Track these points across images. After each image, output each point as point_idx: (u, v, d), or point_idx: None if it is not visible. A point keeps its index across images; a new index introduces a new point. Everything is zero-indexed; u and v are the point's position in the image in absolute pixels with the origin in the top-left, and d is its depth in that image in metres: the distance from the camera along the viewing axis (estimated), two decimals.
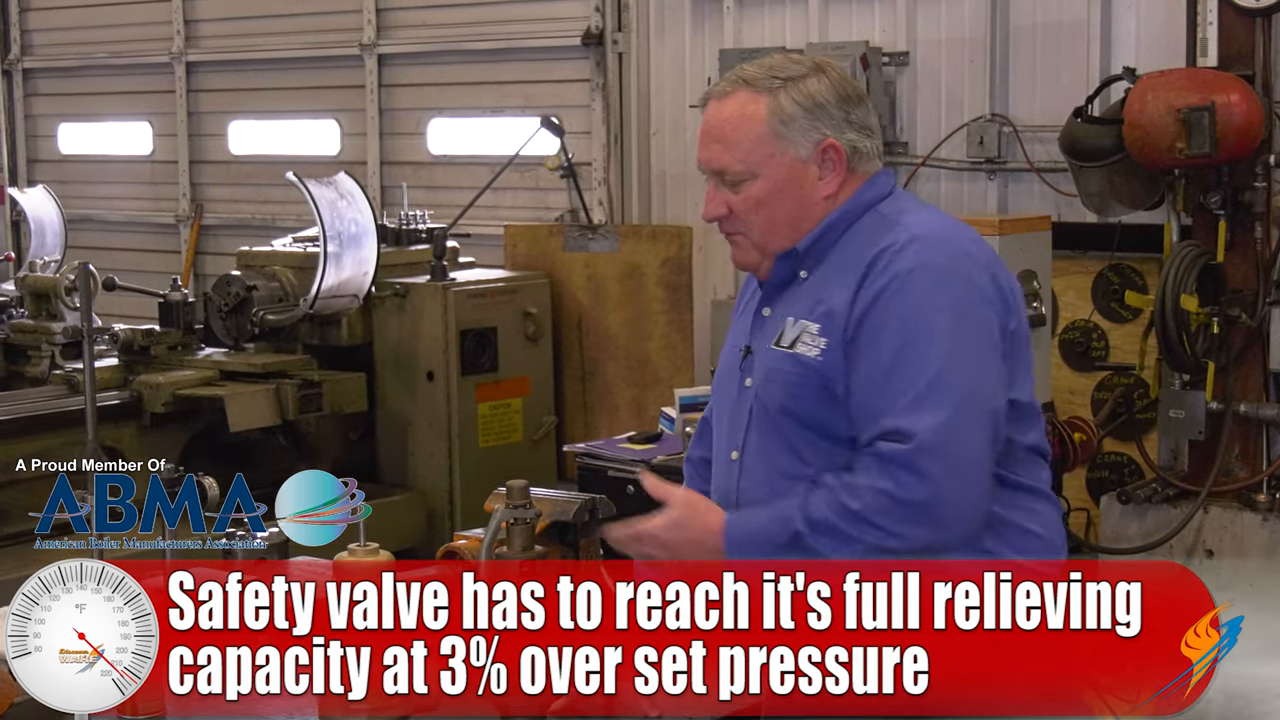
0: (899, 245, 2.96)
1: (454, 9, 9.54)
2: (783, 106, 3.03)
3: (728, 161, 3.07)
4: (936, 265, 2.95)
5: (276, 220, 10.10)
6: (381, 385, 7.96)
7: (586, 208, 8.80)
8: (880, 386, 2.91)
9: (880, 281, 2.94)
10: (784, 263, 3.09)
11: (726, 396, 3.18)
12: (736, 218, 3.09)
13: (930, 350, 2.90)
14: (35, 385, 7.87)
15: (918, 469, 2.85)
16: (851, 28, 7.90)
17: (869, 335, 2.93)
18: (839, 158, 3.05)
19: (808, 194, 3.06)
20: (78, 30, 11.58)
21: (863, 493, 2.87)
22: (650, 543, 3.03)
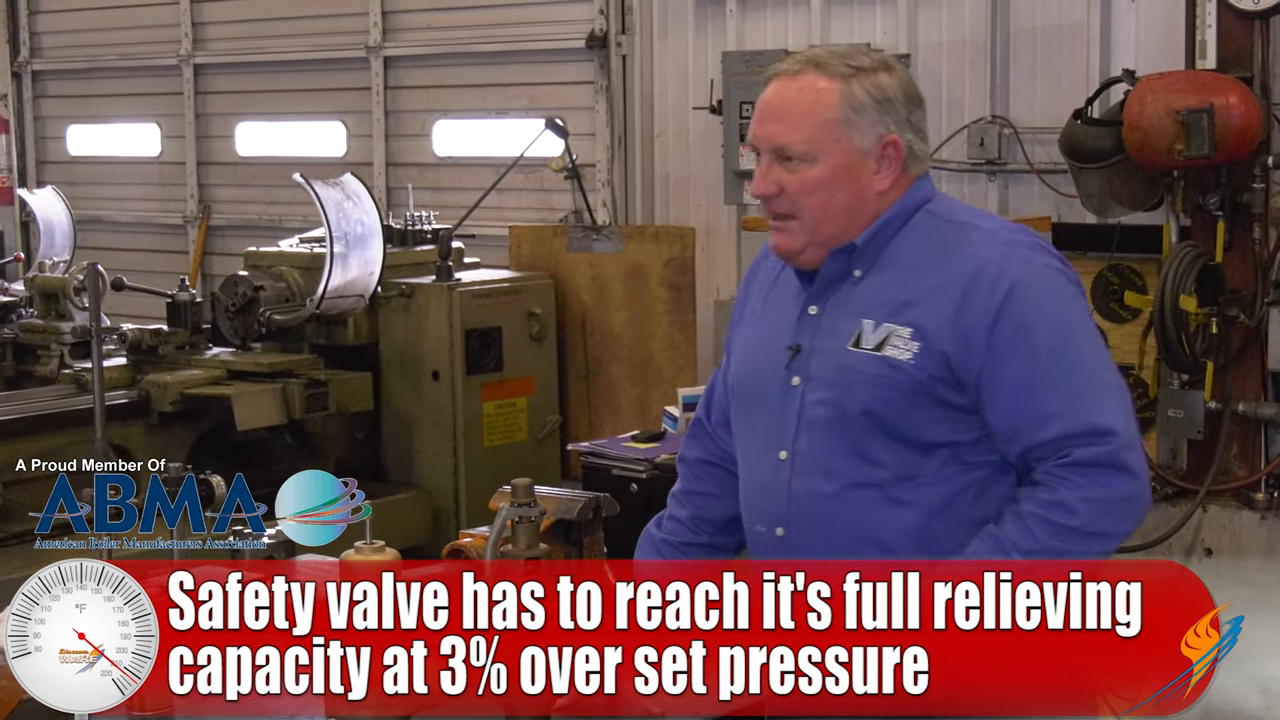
0: (998, 253, 2.93)
1: (459, 12, 9.54)
2: (855, 94, 2.98)
3: (790, 140, 2.99)
4: (1043, 267, 2.95)
5: (283, 221, 10.11)
6: (387, 385, 7.95)
7: (590, 209, 8.79)
8: (1044, 389, 2.88)
9: (1000, 291, 2.89)
10: (838, 258, 3.02)
11: (764, 395, 3.08)
12: (788, 198, 3.01)
13: (1078, 349, 2.91)
14: (44, 384, 7.87)
15: (1125, 465, 2.85)
16: (853, 30, 7.89)
17: (1009, 343, 2.89)
18: (898, 155, 3.01)
19: (864, 186, 3.00)
20: (87, 33, 11.59)
21: (1075, 506, 2.85)
22: None
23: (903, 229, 3.02)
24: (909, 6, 7.75)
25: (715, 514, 3.29)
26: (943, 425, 2.93)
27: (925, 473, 2.94)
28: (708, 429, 3.33)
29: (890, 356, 2.93)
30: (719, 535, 3.29)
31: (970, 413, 2.94)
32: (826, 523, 2.98)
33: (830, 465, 2.97)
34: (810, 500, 2.99)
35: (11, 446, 6.93)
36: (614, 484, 6.17)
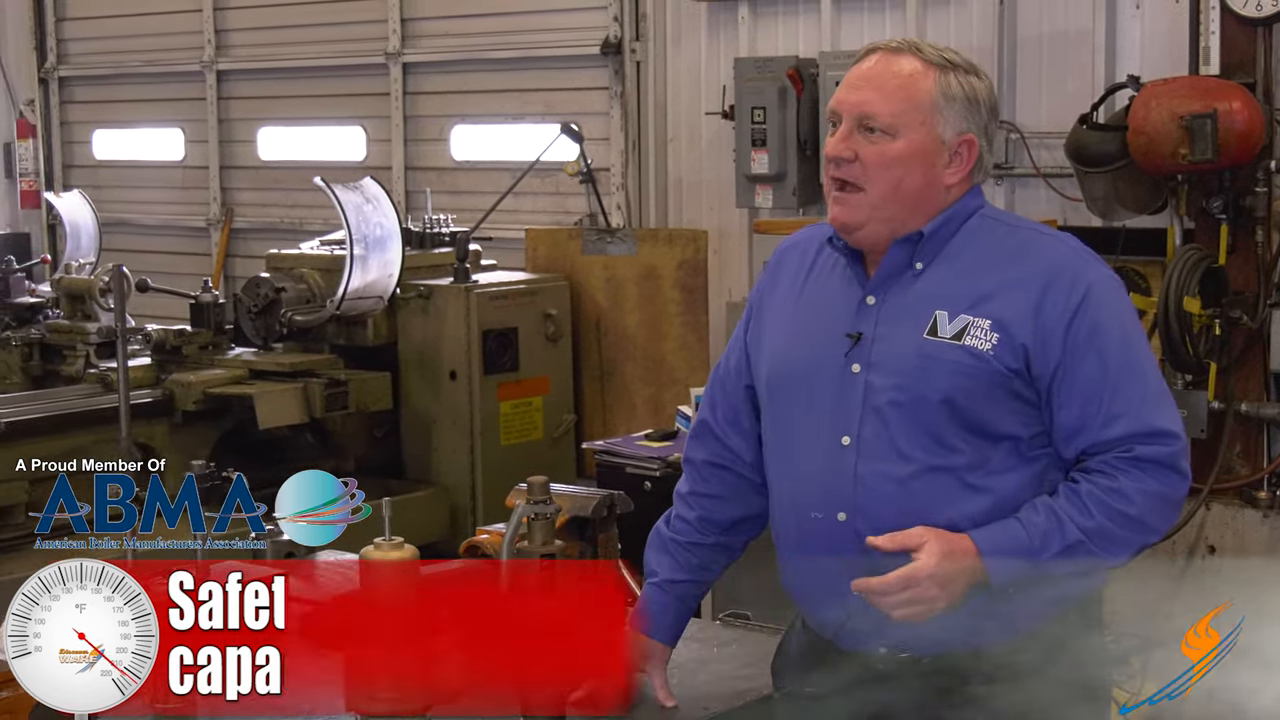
0: (1070, 259, 3.01)
1: (477, 19, 9.54)
2: (950, 84, 3.00)
3: (879, 110, 2.99)
4: (1111, 276, 3.06)
5: (304, 224, 10.12)
6: (406, 384, 7.96)
7: (605, 212, 8.80)
8: (1114, 390, 2.95)
9: (1076, 294, 2.95)
10: (901, 249, 3.02)
11: (812, 384, 3.07)
12: (861, 166, 2.99)
13: (1142, 354, 3.02)
14: (70, 384, 7.89)
15: (1182, 469, 2.96)
16: (863, 37, 7.88)
17: (1083, 343, 2.95)
18: (971, 154, 3.03)
19: (935, 175, 3.01)
20: (112, 40, 11.60)
21: (1134, 497, 2.92)
22: (929, 583, 2.87)
23: (962, 228, 3.04)
24: (918, 13, 7.74)
25: (722, 515, 3.29)
26: (1011, 417, 2.97)
27: (993, 461, 2.97)
28: (714, 429, 3.31)
29: (972, 346, 2.95)
30: (726, 535, 3.30)
31: (1035, 408, 2.98)
32: (898, 506, 2.98)
33: (903, 450, 2.98)
34: (880, 484, 2.99)
35: (39, 444, 6.94)
36: (628, 482, 6.18)
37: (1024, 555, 2.90)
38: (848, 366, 3.03)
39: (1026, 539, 2.90)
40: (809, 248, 3.19)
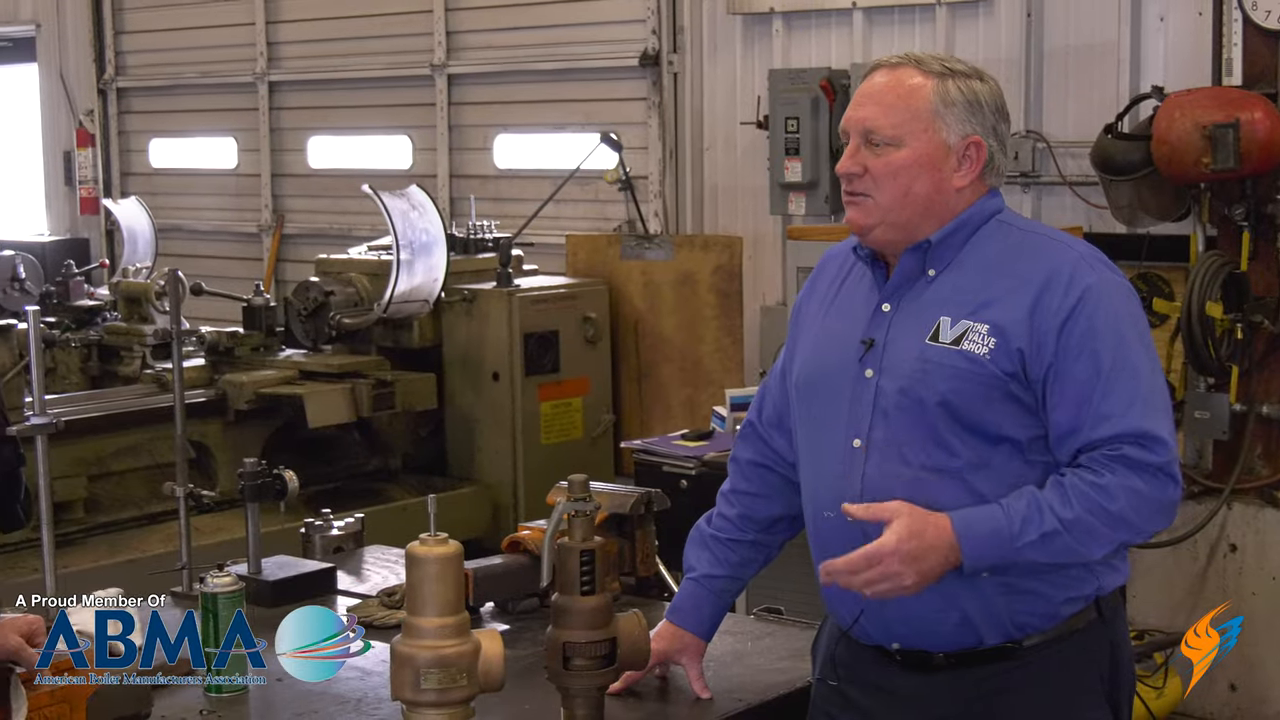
0: (1072, 262, 2.97)
1: (519, 32, 9.55)
2: (949, 91, 3.01)
3: (881, 123, 3.00)
4: (1113, 280, 3.00)
5: (352, 230, 10.14)
6: (450, 385, 7.98)
7: (643, 218, 8.80)
8: (1104, 392, 2.90)
9: (1072, 296, 2.92)
10: (913, 256, 3.03)
11: (835, 388, 3.08)
12: (871, 179, 3.01)
13: (1136, 358, 2.94)
14: (127, 384, 7.93)
15: (1171, 474, 2.89)
16: (894, 48, 7.86)
17: (1077, 345, 2.91)
18: (979, 157, 3.02)
19: (944, 179, 3.01)
20: (168, 52, 11.66)
21: (1117, 494, 2.86)
22: (891, 559, 2.85)
23: (975, 234, 3.03)
24: (947, 26, 7.72)
25: (762, 513, 3.30)
26: (1010, 420, 2.95)
27: (994, 463, 2.95)
28: (759, 430, 3.34)
29: (968, 350, 2.95)
30: (764, 534, 3.30)
31: (1032, 411, 2.95)
32: None
33: (907, 452, 2.98)
34: (885, 485, 2.98)
35: (97, 442, 6.98)
36: (665, 480, 6.18)
37: (1000, 539, 2.87)
38: (862, 371, 3.05)
39: (1005, 523, 2.87)
40: (846, 257, 3.21)
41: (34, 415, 4.02)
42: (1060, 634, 2.99)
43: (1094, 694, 3.02)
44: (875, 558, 2.86)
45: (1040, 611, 2.98)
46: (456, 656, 2.83)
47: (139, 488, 7.08)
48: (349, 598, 4.04)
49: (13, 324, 7.22)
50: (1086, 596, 3.00)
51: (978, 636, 2.99)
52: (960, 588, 2.94)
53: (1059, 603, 2.98)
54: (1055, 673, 2.99)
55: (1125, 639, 3.11)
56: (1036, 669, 2.98)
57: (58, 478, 5.84)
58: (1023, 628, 2.98)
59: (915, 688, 3.05)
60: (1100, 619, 3.03)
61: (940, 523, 2.88)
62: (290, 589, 4.01)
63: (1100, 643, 3.03)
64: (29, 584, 5.24)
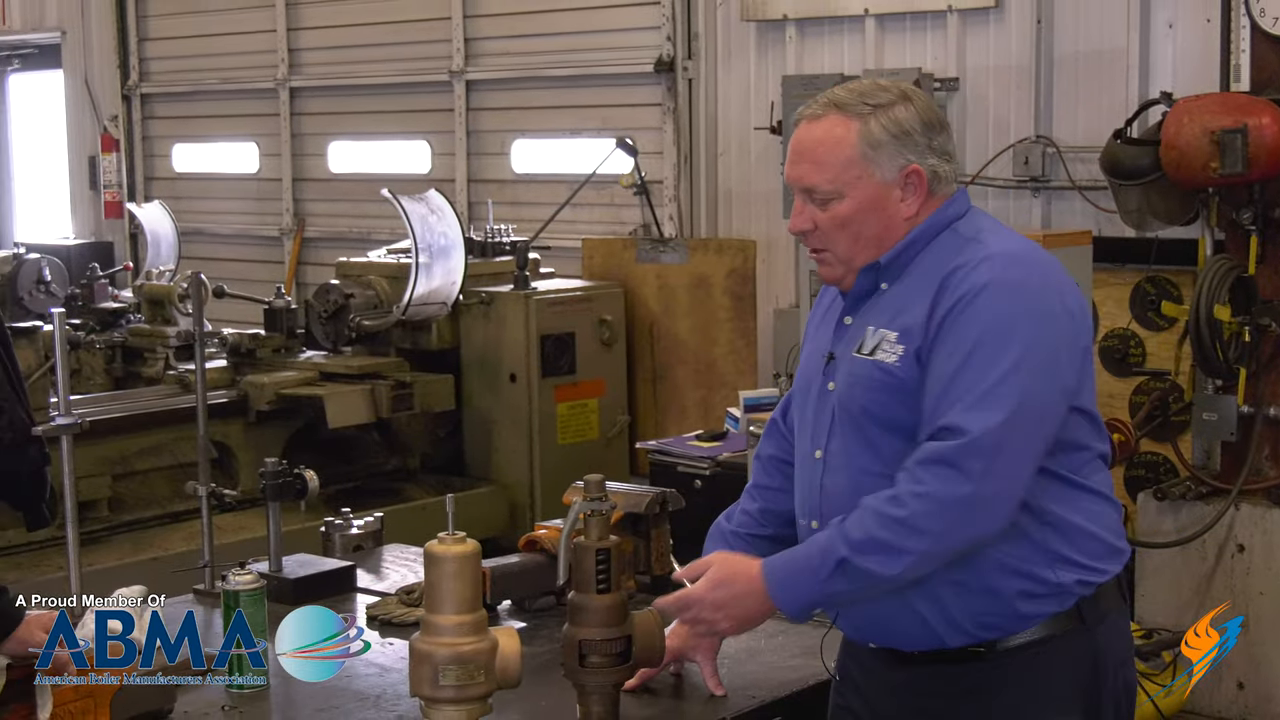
0: (975, 261, 2.92)
1: (536, 39, 9.56)
2: (872, 132, 2.97)
3: (817, 180, 3.00)
4: (1011, 280, 2.91)
5: (372, 233, 10.16)
6: (468, 386, 7.99)
7: (658, 222, 8.80)
8: (946, 388, 2.85)
9: (957, 294, 2.88)
10: (867, 275, 3.04)
11: (809, 399, 3.12)
12: (822, 233, 3.03)
13: (999, 356, 2.84)
14: (150, 385, 7.95)
15: (962, 465, 2.79)
16: (905, 55, 7.87)
17: (944, 343, 2.88)
18: (921, 182, 3.00)
19: (891, 214, 3.00)
20: (191, 59, 11.68)
21: (906, 500, 2.81)
22: (698, 606, 2.97)
23: (928, 246, 3.01)
24: (958, 33, 7.72)
25: (782, 507, 3.30)
26: None
27: None
28: (780, 427, 3.36)
29: (879, 360, 2.96)
30: (785, 528, 3.30)
31: None
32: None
33: (850, 462, 3.00)
34: (836, 495, 3.01)
35: (121, 442, 7.00)
36: (679, 480, 6.19)
37: (807, 578, 2.88)
38: (825, 384, 3.08)
39: (806, 560, 2.89)
40: None
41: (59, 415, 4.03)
42: (1035, 639, 2.94)
43: (1065, 702, 2.96)
44: (685, 604, 2.99)
45: (1000, 612, 2.93)
46: (474, 653, 2.84)
47: (162, 487, 7.10)
48: (368, 595, 4.04)
49: (38, 326, 7.24)
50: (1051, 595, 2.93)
51: (938, 638, 2.97)
52: (913, 590, 2.93)
53: (1013, 598, 2.92)
54: (1025, 677, 2.94)
55: (1115, 648, 3.02)
56: (1006, 672, 2.95)
57: (82, 477, 5.86)
58: (989, 629, 2.94)
59: (899, 679, 3.06)
60: (1083, 627, 2.96)
61: (750, 571, 2.94)
62: (311, 587, 4.01)
63: (1080, 650, 2.96)
64: (54, 581, 5.26)
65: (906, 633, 2.99)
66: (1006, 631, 2.94)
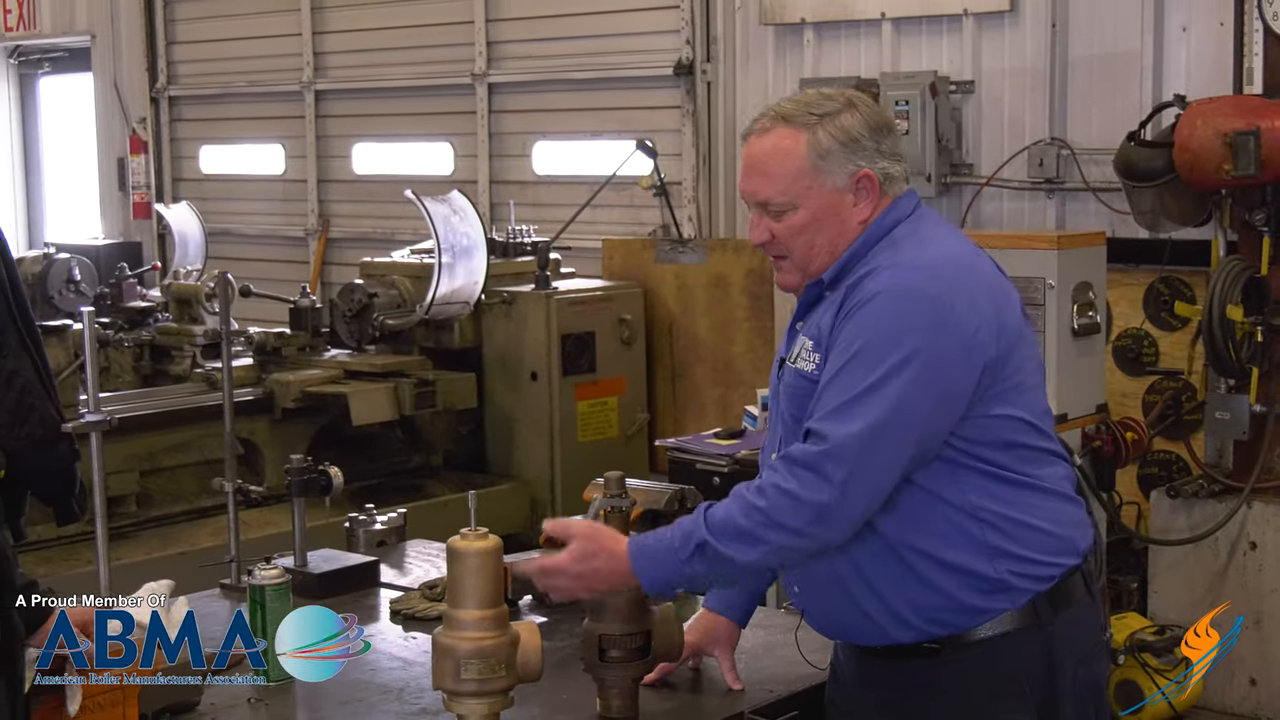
0: (878, 269, 2.93)
1: (557, 42, 9.56)
2: (820, 141, 2.98)
3: (770, 193, 3.01)
4: (904, 289, 2.87)
5: (395, 234, 10.16)
6: (490, 384, 7.99)
7: (677, 223, 8.79)
8: (821, 392, 2.87)
9: (853, 300, 2.90)
10: (813, 286, 3.06)
11: (772, 405, 3.16)
12: (779, 243, 3.04)
13: (873, 366, 2.82)
14: (178, 382, 7.97)
15: (822, 471, 2.79)
16: (921, 58, 7.85)
17: (833, 349, 2.90)
18: (872, 186, 3.00)
19: (845, 219, 3.01)
20: (218, 62, 11.71)
21: (768, 492, 2.82)
22: (558, 576, 2.97)
23: (871, 250, 3.00)
24: (973, 36, 7.70)
25: None
26: None
27: None
28: None
29: (799, 368, 2.99)
30: None
31: None
32: None
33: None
34: None
35: (148, 439, 7.02)
36: (698, 477, 6.18)
37: (667, 558, 2.88)
38: (778, 390, 3.10)
39: (668, 542, 2.89)
40: None
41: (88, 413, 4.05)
42: (987, 635, 2.93)
43: (1017, 700, 2.94)
44: (546, 571, 2.99)
45: (947, 607, 2.92)
46: (496, 648, 2.84)
47: (189, 483, 7.12)
48: (392, 590, 4.05)
49: (68, 324, 7.27)
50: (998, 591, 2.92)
51: (886, 633, 2.97)
52: (859, 590, 2.94)
53: (957, 591, 2.91)
54: (976, 674, 2.94)
55: (1075, 648, 2.99)
56: (956, 668, 2.94)
57: (111, 473, 5.87)
58: (940, 624, 2.94)
59: (865, 672, 3.08)
60: (1036, 624, 2.94)
61: (616, 549, 2.93)
62: (335, 581, 4.02)
63: (1033, 647, 2.94)
64: (84, 575, 5.29)
65: (857, 627, 3.00)
66: (959, 628, 2.94)
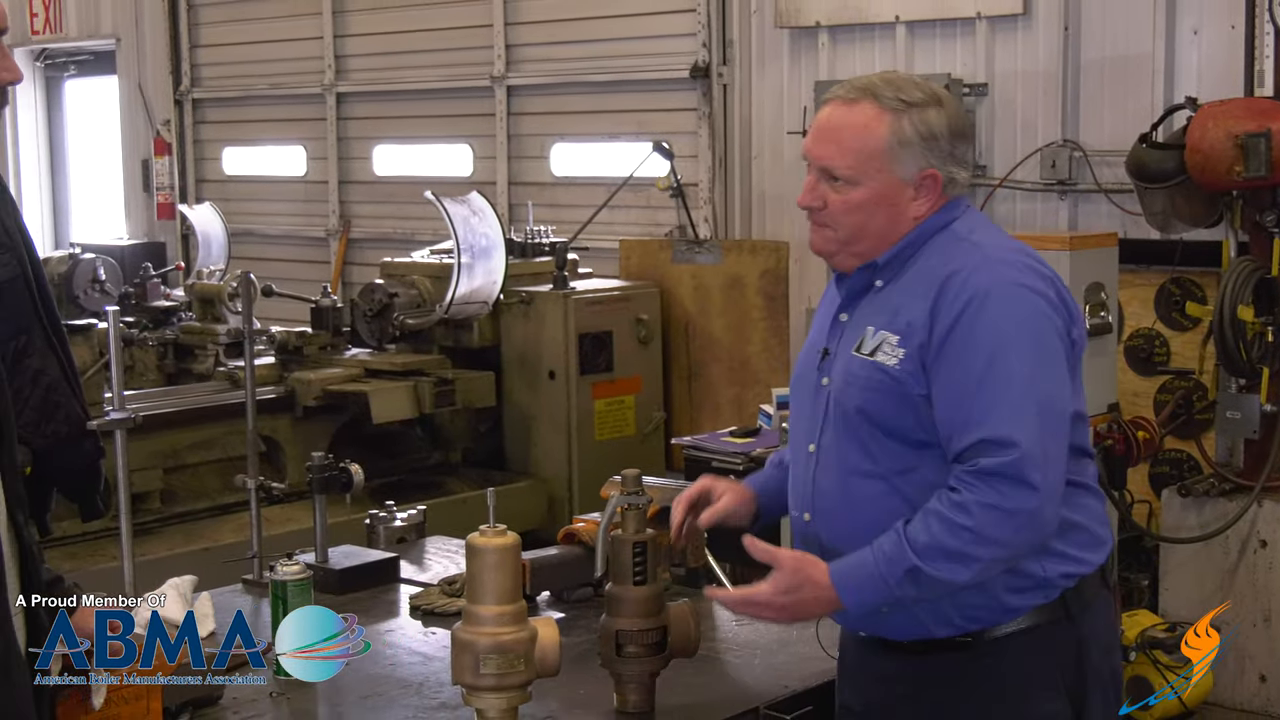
0: (973, 266, 2.90)
1: (575, 45, 9.56)
2: (903, 129, 2.95)
3: (838, 163, 2.98)
4: (1011, 283, 2.88)
5: (415, 234, 10.17)
6: (508, 383, 7.99)
7: (693, 224, 8.79)
8: (973, 397, 2.82)
9: (961, 300, 2.86)
10: (863, 273, 3.03)
11: (805, 393, 3.11)
12: (830, 214, 3.01)
13: (1016, 364, 2.82)
14: (201, 381, 7.98)
15: (1025, 480, 2.77)
16: (935, 61, 7.84)
17: (956, 349, 2.85)
18: (935, 186, 2.98)
19: (900, 211, 2.99)
20: (241, 65, 11.73)
21: (972, 509, 2.78)
22: (765, 609, 2.93)
23: (924, 247, 2.99)
24: (987, 39, 7.69)
25: None
26: (930, 426, 2.90)
27: (920, 468, 2.91)
28: None
29: (879, 362, 2.94)
30: None
31: None
32: (840, 511, 2.99)
33: (842, 459, 2.98)
34: (828, 489, 3.01)
35: (172, 436, 7.03)
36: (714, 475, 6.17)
37: (875, 583, 2.84)
38: (820, 380, 3.06)
39: (873, 567, 2.84)
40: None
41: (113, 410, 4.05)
42: (1017, 629, 2.94)
43: (1050, 688, 2.95)
44: (747, 603, 2.95)
45: (986, 605, 2.92)
46: (514, 643, 2.85)
47: (212, 480, 7.13)
48: (411, 586, 4.06)
49: (93, 323, 7.27)
50: (1037, 588, 2.93)
51: (925, 629, 2.96)
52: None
53: (1000, 592, 2.91)
54: (1009, 664, 2.94)
55: (1099, 639, 3.01)
56: (990, 660, 2.94)
57: (135, 470, 5.88)
58: (975, 620, 2.94)
59: (883, 667, 3.05)
60: (1067, 617, 2.95)
61: (818, 579, 2.88)
62: (356, 577, 4.03)
63: (1064, 639, 2.96)
64: (109, 571, 5.29)
65: (894, 623, 2.98)
66: (992, 623, 2.94)
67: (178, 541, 6.73)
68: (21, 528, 2.59)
